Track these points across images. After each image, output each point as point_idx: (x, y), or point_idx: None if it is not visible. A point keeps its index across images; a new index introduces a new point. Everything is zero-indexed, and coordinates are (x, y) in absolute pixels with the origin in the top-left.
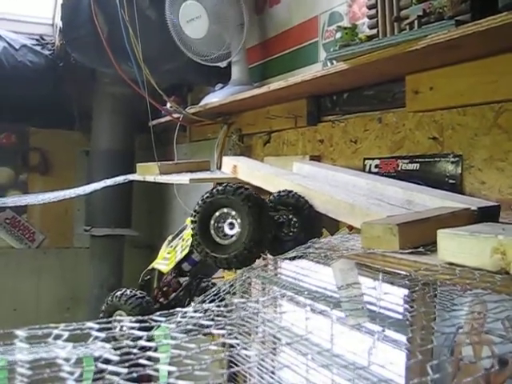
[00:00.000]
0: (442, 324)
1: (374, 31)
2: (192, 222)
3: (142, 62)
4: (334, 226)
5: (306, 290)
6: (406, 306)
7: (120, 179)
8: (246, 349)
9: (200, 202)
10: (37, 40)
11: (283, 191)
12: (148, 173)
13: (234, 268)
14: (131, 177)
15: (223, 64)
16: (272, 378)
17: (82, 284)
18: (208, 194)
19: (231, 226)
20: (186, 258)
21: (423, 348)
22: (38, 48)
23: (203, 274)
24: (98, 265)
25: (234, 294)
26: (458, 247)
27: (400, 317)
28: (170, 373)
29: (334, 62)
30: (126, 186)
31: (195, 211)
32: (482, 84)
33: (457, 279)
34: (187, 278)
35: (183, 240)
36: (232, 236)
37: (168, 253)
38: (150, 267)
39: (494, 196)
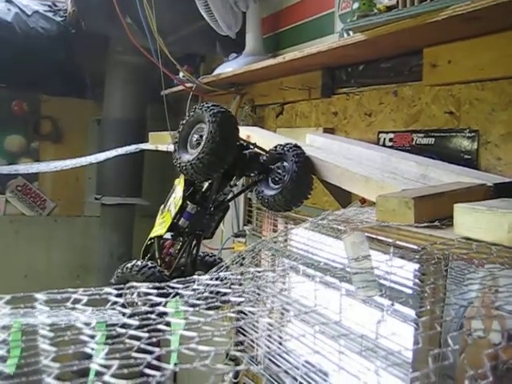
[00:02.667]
0: (453, 299)
1: (394, 1)
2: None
3: (156, 30)
4: (345, 198)
5: (316, 263)
6: (417, 280)
7: (132, 148)
8: (261, 317)
9: (184, 118)
10: (49, 6)
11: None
12: (160, 142)
13: (193, 178)
14: (143, 146)
15: (233, 35)
16: (279, 348)
17: (91, 252)
18: (192, 111)
19: (200, 138)
20: (181, 213)
21: (432, 321)
22: (50, 14)
23: (200, 229)
24: (107, 233)
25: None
26: (474, 222)
27: (410, 291)
28: (182, 339)
29: (351, 33)
30: (137, 155)
31: (180, 124)
32: (503, 58)
33: (473, 254)
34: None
35: (174, 198)
36: (198, 145)
37: (162, 217)
38: (148, 240)
39: (510, 172)
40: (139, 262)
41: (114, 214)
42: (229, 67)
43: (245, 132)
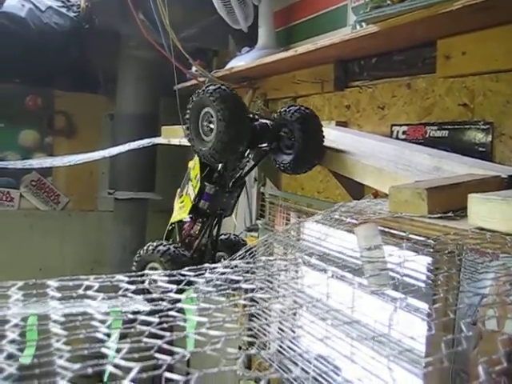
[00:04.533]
0: (466, 293)
1: None
2: (186, 120)
3: (169, 25)
4: (358, 191)
5: (328, 255)
6: (429, 274)
7: (145, 142)
8: (272, 304)
9: (190, 102)
10: (62, 1)
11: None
12: (173, 136)
13: (215, 160)
14: (156, 140)
15: (246, 29)
16: (291, 340)
17: (105, 247)
18: (195, 95)
19: (211, 123)
20: (200, 195)
21: (444, 319)
22: (64, 10)
23: (221, 208)
24: (121, 228)
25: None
26: (489, 212)
27: (423, 285)
28: (198, 324)
29: (364, 24)
30: (150, 149)
31: (187, 108)
32: None
33: (487, 244)
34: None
35: (192, 181)
36: (211, 132)
37: (181, 202)
38: (169, 226)
39: None
40: (161, 246)
41: (127, 209)
42: (241, 61)
43: None
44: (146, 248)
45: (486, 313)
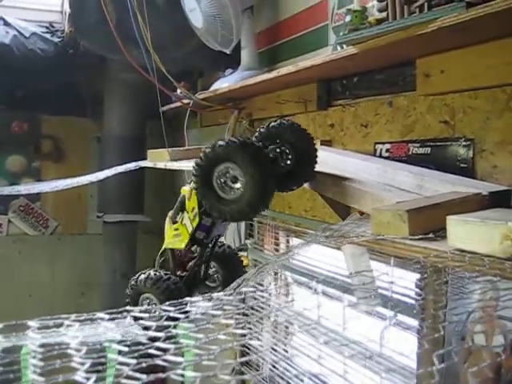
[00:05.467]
0: (454, 309)
1: (384, 14)
2: (194, 175)
3: (152, 48)
4: (345, 210)
5: (318, 276)
6: (418, 290)
7: (131, 166)
8: (257, 338)
9: (202, 156)
10: (46, 27)
11: (274, 122)
12: (159, 159)
13: (239, 219)
14: (142, 163)
15: (229, 50)
16: (286, 363)
17: (95, 270)
18: (209, 149)
19: (234, 180)
20: (197, 226)
21: (433, 335)
22: (48, 36)
23: (218, 235)
24: (110, 251)
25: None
26: (467, 234)
27: (412, 302)
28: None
29: (344, 46)
30: (138, 172)
31: (197, 164)
32: (494, 66)
33: (466, 266)
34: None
35: (188, 212)
36: (235, 191)
37: (176, 229)
38: (162, 249)
39: (506, 180)
40: (152, 272)
41: (116, 232)
42: (225, 82)
43: None
44: (137, 278)
45: (474, 328)
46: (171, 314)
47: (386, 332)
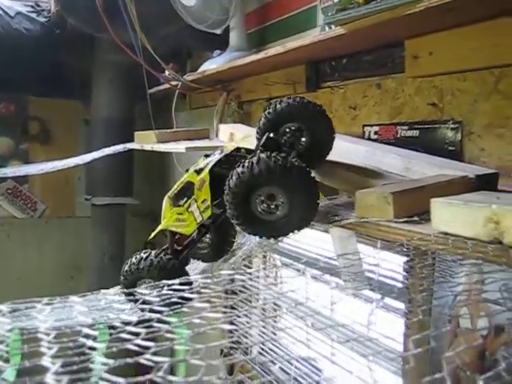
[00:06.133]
0: (440, 292)
1: None
2: (229, 194)
3: (138, 27)
4: (333, 189)
5: (306, 258)
6: (405, 273)
7: (119, 148)
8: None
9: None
10: (32, 7)
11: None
12: (146, 141)
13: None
14: (130, 145)
15: (219, 31)
16: (272, 343)
17: (84, 253)
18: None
19: (275, 203)
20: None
21: (419, 318)
22: (34, 15)
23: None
24: (99, 234)
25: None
26: (451, 216)
27: (400, 285)
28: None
29: (332, 26)
30: (127, 154)
31: (231, 186)
32: (483, 48)
33: (449, 249)
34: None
35: (197, 201)
36: (277, 212)
37: (179, 213)
38: (159, 229)
39: (493, 163)
40: (143, 255)
41: (104, 214)
42: (213, 64)
43: (228, 129)
44: (129, 264)
45: (460, 311)
46: (147, 298)
47: (374, 315)
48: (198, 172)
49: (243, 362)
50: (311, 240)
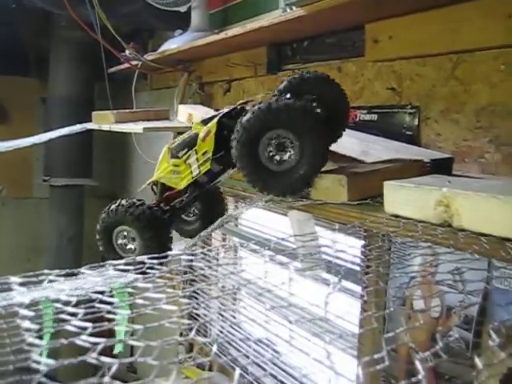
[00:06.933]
0: (395, 275)
1: None
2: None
3: (97, 4)
4: None
5: (264, 240)
6: (362, 256)
7: (76, 128)
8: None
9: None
10: None
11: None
12: (103, 121)
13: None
14: (88, 125)
15: (183, 9)
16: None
17: (42, 235)
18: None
19: (283, 150)
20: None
21: (375, 300)
22: None
23: (218, 181)
24: (57, 215)
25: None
26: (403, 199)
27: (357, 268)
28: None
29: (294, 7)
30: (86, 134)
31: (242, 123)
32: (442, 33)
33: (401, 231)
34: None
35: (197, 153)
36: (286, 162)
37: (175, 165)
38: (150, 181)
39: (449, 148)
40: (124, 201)
41: (62, 196)
42: (174, 43)
43: (186, 110)
44: (108, 210)
45: (414, 294)
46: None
47: (331, 298)
48: (206, 123)
49: (201, 345)
50: (270, 223)
